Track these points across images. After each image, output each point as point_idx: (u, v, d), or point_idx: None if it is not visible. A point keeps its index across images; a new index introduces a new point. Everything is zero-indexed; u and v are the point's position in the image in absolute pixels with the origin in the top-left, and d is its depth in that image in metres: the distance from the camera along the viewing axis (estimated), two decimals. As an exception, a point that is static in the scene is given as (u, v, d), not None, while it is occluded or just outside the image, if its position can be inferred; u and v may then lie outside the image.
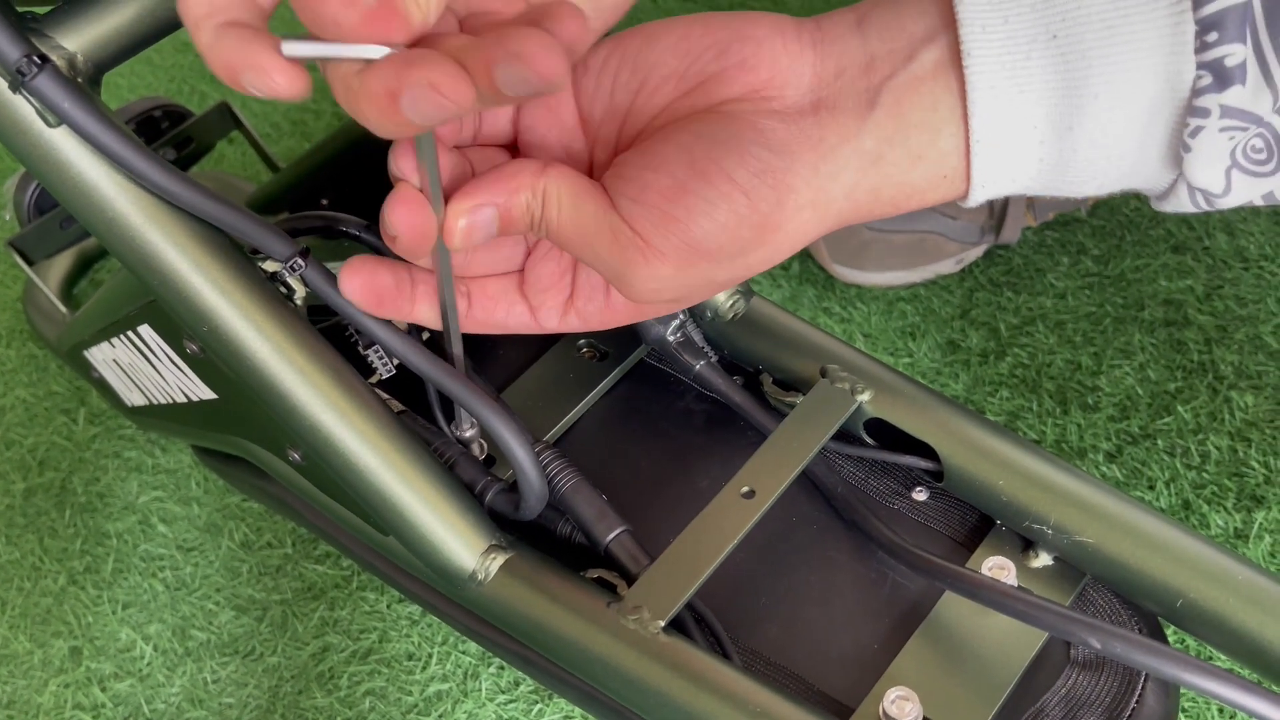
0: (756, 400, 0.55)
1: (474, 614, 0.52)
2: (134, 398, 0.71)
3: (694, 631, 0.47)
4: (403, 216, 0.37)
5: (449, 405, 0.53)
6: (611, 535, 0.48)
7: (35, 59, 0.39)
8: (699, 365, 0.55)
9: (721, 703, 0.43)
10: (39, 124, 0.41)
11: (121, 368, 0.67)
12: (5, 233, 1.07)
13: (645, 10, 1.16)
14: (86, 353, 0.72)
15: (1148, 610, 0.46)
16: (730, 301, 0.56)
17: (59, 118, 0.40)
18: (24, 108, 0.41)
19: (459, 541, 0.49)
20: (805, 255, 0.92)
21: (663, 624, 0.45)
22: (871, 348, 0.87)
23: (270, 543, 0.83)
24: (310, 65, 0.31)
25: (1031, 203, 0.86)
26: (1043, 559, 0.48)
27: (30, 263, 0.79)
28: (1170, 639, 0.56)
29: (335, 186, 0.76)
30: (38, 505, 0.89)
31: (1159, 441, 0.78)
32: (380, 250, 0.56)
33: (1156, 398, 0.80)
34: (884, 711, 0.44)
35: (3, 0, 0.39)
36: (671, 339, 0.55)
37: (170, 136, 0.80)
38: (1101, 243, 0.90)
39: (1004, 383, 0.83)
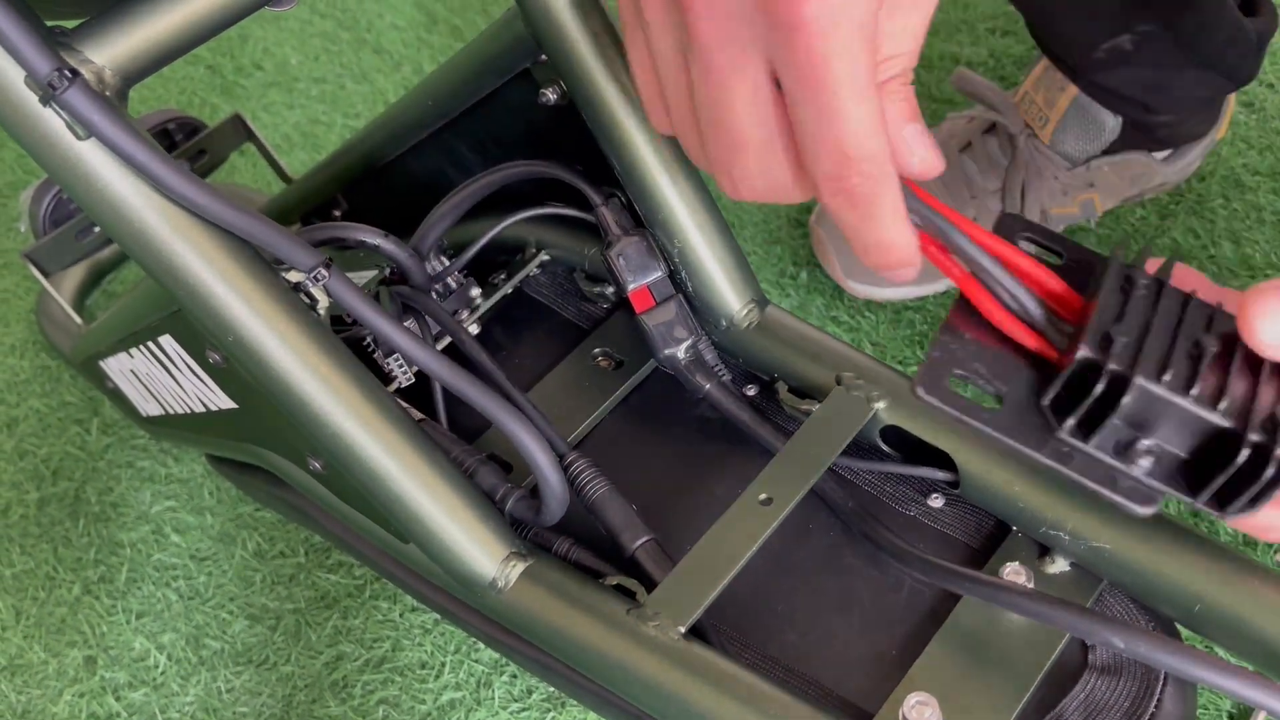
0: (765, 420, 0.55)
1: (493, 621, 0.52)
2: (150, 408, 0.71)
3: (713, 637, 0.48)
4: None
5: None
6: (638, 543, 0.48)
7: (66, 73, 0.39)
8: (708, 386, 0.55)
9: (742, 708, 0.43)
10: (68, 137, 0.41)
11: (139, 378, 0.68)
12: (20, 244, 1.07)
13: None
14: (102, 363, 0.72)
15: (1164, 615, 0.46)
16: (745, 310, 0.56)
17: (88, 131, 0.41)
18: (54, 121, 0.41)
19: (479, 549, 0.49)
20: (814, 265, 0.93)
21: (683, 630, 0.45)
22: (879, 356, 0.87)
23: (283, 552, 0.83)
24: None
25: (1045, 216, 0.86)
26: (1059, 565, 0.48)
27: (46, 274, 0.80)
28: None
29: (347, 198, 0.76)
30: (52, 515, 0.89)
31: (1168, 449, 0.78)
32: (397, 260, 0.57)
33: (1165, 405, 0.81)
34: (904, 717, 0.44)
35: (34, 15, 0.40)
36: (683, 358, 0.56)
37: (185, 149, 0.81)
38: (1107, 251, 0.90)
39: (1013, 391, 0.83)
